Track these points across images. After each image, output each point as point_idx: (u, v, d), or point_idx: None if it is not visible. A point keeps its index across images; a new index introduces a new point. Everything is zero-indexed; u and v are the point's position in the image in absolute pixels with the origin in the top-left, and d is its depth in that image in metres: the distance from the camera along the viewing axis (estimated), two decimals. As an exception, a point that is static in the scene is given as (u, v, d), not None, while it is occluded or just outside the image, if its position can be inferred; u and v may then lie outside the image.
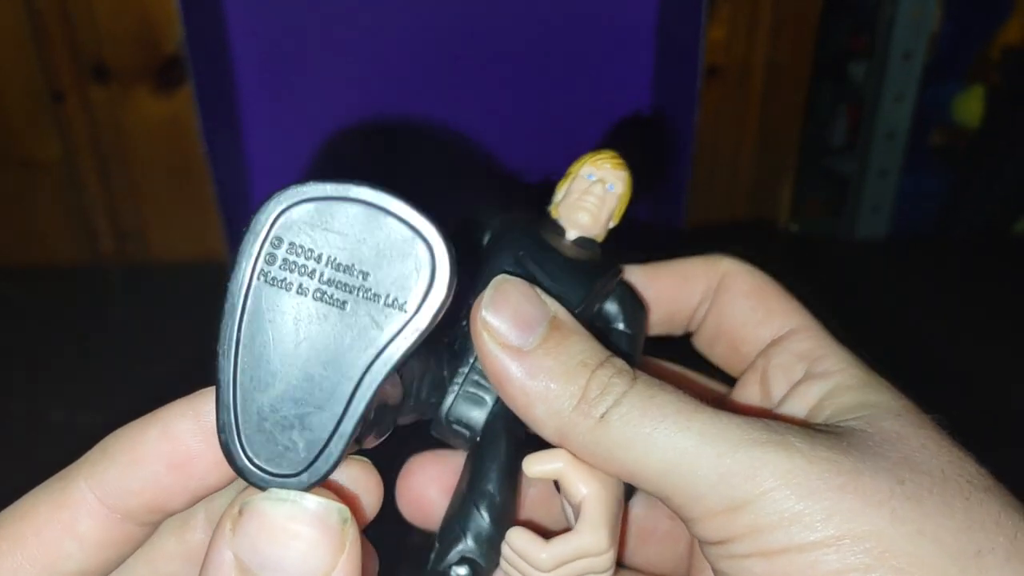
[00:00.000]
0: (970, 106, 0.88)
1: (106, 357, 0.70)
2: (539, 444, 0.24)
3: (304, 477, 0.19)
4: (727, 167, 0.86)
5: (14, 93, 0.77)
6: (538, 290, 0.24)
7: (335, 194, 0.20)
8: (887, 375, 0.24)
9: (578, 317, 0.24)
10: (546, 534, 0.24)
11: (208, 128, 0.64)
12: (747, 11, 0.80)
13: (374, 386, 0.20)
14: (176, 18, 0.65)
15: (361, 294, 0.20)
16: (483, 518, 0.24)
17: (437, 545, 0.24)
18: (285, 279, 0.20)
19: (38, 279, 0.81)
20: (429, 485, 0.27)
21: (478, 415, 0.25)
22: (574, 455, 0.23)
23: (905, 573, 0.19)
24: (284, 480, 0.19)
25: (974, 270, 0.85)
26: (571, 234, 0.27)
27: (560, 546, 0.23)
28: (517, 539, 0.23)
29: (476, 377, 0.25)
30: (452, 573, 0.23)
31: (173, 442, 0.21)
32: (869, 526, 0.19)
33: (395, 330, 0.20)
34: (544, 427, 0.23)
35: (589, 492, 0.23)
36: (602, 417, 0.22)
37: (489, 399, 0.25)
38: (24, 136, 0.78)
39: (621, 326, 0.27)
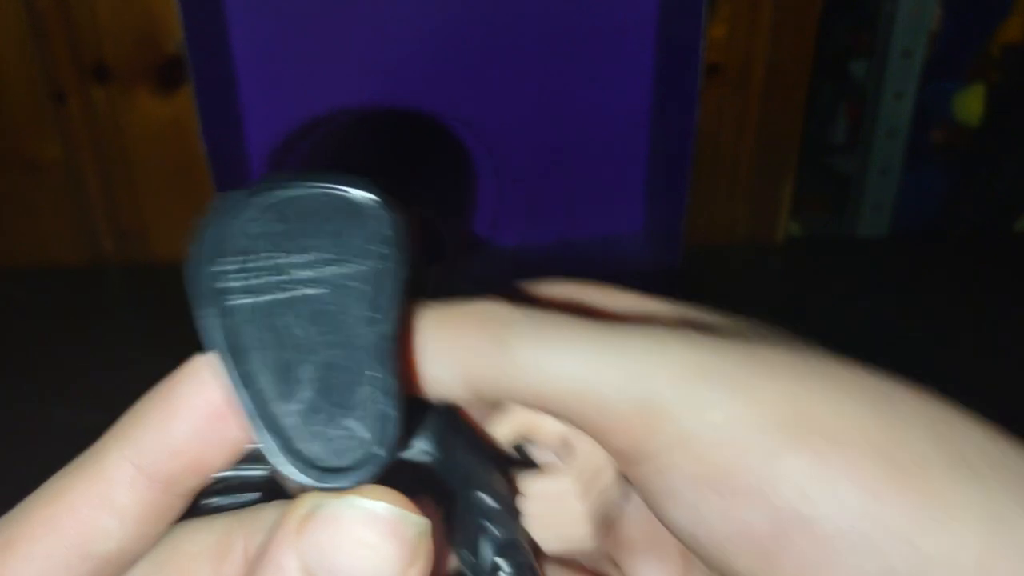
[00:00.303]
0: (970, 104, 0.88)
1: (107, 356, 0.70)
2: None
3: (379, 452, 0.19)
4: (727, 165, 0.86)
5: (15, 93, 0.77)
6: None
7: (258, 194, 0.20)
8: (887, 372, 0.24)
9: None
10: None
11: (209, 128, 0.64)
12: (747, 9, 0.80)
13: (390, 335, 0.20)
14: (176, 18, 0.65)
15: (336, 267, 0.20)
16: (487, 500, 0.23)
17: (467, 556, 0.23)
18: (252, 289, 0.20)
19: (39, 279, 0.81)
20: None
21: (424, 427, 0.24)
22: (496, 399, 0.22)
23: (826, 431, 0.19)
24: (358, 472, 0.19)
25: (976, 268, 0.85)
26: None
27: (571, 465, 0.22)
28: (532, 487, 0.22)
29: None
30: (504, 571, 0.22)
31: (208, 392, 0.20)
32: (779, 391, 0.19)
33: (380, 277, 0.20)
34: (450, 385, 0.22)
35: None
36: (500, 343, 0.21)
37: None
38: (24, 136, 0.78)
39: None
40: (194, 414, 0.20)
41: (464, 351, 0.22)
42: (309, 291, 0.20)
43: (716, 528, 0.19)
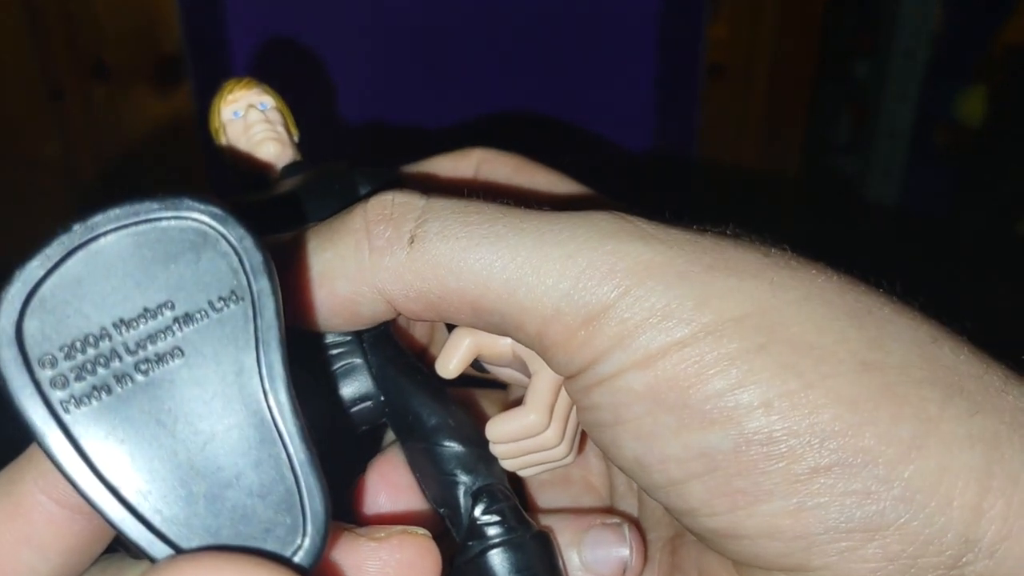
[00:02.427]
0: (973, 105, 0.88)
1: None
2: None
3: (312, 535, 0.16)
4: (730, 166, 0.86)
5: (13, 91, 0.76)
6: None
7: (66, 250, 0.15)
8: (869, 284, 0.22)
9: None
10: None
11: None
12: (750, 10, 0.80)
13: (284, 387, 0.16)
14: (176, 16, 0.64)
15: (186, 325, 0.15)
16: (455, 447, 0.21)
17: (446, 511, 0.21)
18: (94, 387, 0.15)
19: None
20: (381, 495, 0.22)
21: (363, 380, 0.22)
22: (421, 313, 0.19)
23: (801, 343, 0.16)
24: (299, 553, 0.16)
25: (977, 268, 0.85)
26: (276, 171, 0.25)
27: (534, 395, 0.20)
28: (501, 429, 0.20)
29: (331, 354, 0.22)
30: (483, 520, 0.20)
31: None
32: (750, 302, 0.17)
33: (250, 322, 0.16)
34: (362, 302, 0.19)
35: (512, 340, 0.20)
36: (412, 242, 0.18)
37: (358, 359, 0.22)
38: (23, 134, 0.78)
39: None
40: None
41: (372, 255, 0.18)
42: (162, 367, 0.15)
43: (668, 450, 0.17)
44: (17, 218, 0.81)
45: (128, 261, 0.15)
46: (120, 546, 0.18)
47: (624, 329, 0.17)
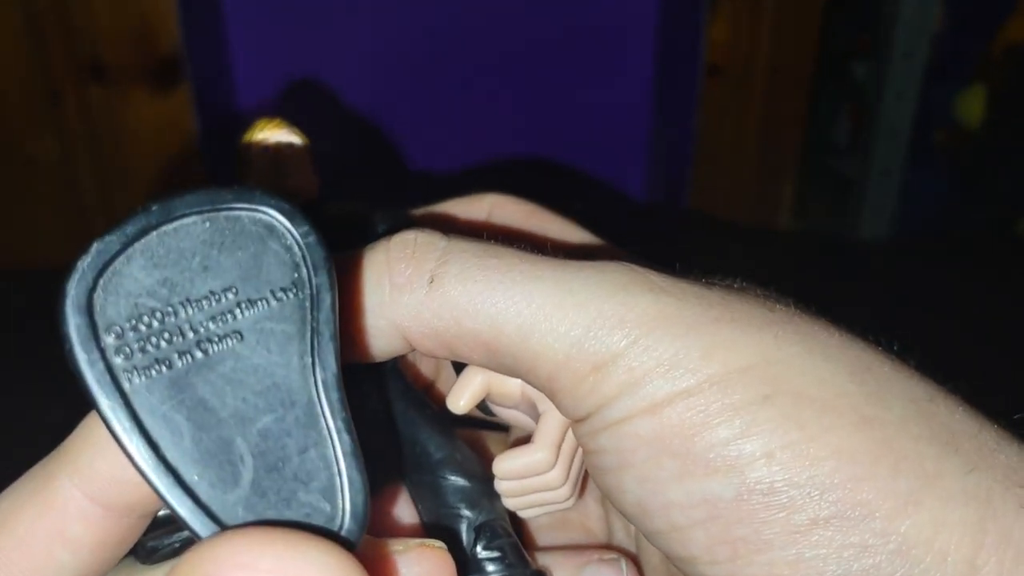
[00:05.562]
0: (972, 106, 0.88)
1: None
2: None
3: (349, 525, 0.16)
4: (728, 167, 0.86)
5: (11, 93, 0.76)
6: None
7: (142, 228, 0.16)
8: (868, 340, 0.23)
9: None
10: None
11: (205, 127, 0.64)
12: (749, 10, 0.80)
13: (335, 380, 0.17)
14: (173, 17, 0.64)
15: (247, 310, 0.16)
16: (460, 481, 0.21)
17: (447, 545, 0.20)
18: (156, 360, 0.16)
19: (34, 279, 0.81)
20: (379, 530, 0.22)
21: (371, 410, 0.22)
22: (435, 350, 0.19)
23: (803, 396, 0.17)
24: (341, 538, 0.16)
25: (977, 269, 0.85)
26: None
27: (542, 434, 0.20)
28: (508, 465, 0.20)
29: None
30: (484, 556, 0.20)
31: None
32: (755, 354, 0.17)
33: (307, 314, 0.17)
34: (379, 335, 0.19)
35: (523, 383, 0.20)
36: (432, 281, 0.18)
37: (367, 390, 0.22)
38: (21, 136, 0.78)
39: None
40: None
41: (392, 291, 0.19)
42: (221, 347, 0.16)
43: (670, 496, 0.17)
44: (14, 218, 0.81)
45: (199, 245, 0.16)
46: (132, 553, 0.19)
47: (632, 377, 0.17)
